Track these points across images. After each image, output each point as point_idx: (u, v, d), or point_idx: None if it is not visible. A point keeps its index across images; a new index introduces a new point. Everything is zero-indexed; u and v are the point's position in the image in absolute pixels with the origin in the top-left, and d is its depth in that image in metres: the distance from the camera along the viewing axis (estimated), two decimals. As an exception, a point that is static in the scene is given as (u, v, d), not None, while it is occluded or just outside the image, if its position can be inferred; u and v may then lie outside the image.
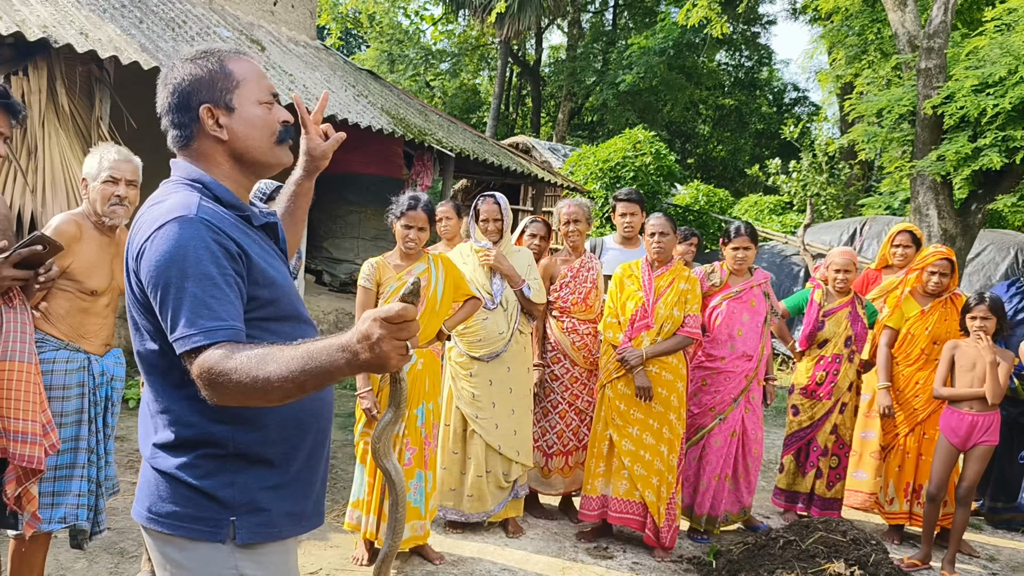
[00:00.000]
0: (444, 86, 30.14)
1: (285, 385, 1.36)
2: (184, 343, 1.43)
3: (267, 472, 1.58)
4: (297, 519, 1.64)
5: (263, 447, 1.57)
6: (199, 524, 1.54)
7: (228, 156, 1.66)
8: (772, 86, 29.29)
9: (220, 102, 1.62)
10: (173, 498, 1.55)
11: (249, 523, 1.55)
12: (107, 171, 2.87)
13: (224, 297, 1.46)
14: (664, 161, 13.79)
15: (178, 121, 1.64)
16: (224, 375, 1.38)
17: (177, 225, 1.48)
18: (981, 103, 6.87)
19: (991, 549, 4.89)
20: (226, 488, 1.54)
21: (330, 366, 1.36)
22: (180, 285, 1.44)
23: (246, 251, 1.55)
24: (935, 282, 4.68)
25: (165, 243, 1.47)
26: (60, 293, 2.83)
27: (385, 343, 1.33)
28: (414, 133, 10.15)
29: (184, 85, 1.62)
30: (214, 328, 1.43)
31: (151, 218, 1.53)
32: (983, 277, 10.17)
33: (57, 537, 3.63)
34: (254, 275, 1.56)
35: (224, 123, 1.63)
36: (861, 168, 17.56)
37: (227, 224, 1.55)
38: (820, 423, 4.86)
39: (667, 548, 4.24)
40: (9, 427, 2.39)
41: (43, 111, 6.25)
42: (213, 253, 1.48)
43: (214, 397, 1.42)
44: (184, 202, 1.52)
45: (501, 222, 4.34)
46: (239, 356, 1.39)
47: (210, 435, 1.54)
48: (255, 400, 1.41)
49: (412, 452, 3.82)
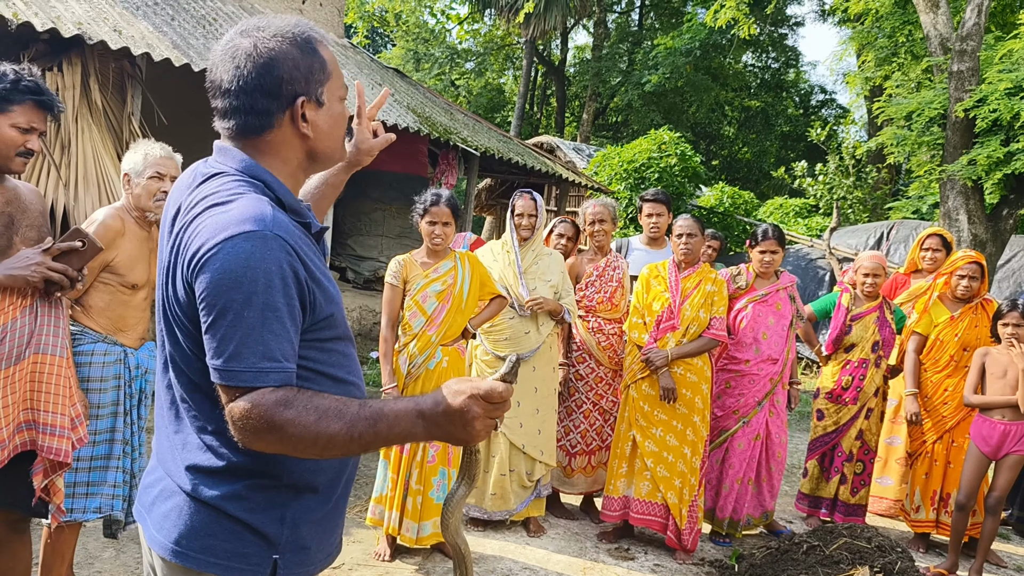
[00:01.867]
0: (469, 85, 30.18)
1: (348, 445, 1.29)
2: (226, 377, 1.28)
3: (312, 501, 1.44)
4: (328, 553, 1.54)
5: (314, 475, 1.43)
6: (237, 561, 1.38)
7: (304, 153, 1.48)
8: (799, 88, 29.02)
9: (312, 95, 1.43)
10: (211, 530, 1.37)
11: (291, 562, 1.42)
12: (153, 167, 2.92)
13: (283, 334, 1.30)
14: (689, 162, 13.72)
15: (257, 107, 1.40)
16: (278, 426, 1.26)
17: (250, 242, 1.27)
18: (1015, 107, 6.78)
19: (1019, 559, 4.82)
20: (276, 524, 1.39)
21: (404, 432, 1.30)
22: (239, 312, 1.26)
23: (313, 271, 1.37)
24: (964, 286, 4.62)
25: (233, 262, 1.27)
26: (101, 287, 2.88)
27: (479, 422, 1.29)
28: (439, 132, 10.19)
29: (278, 68, 1.39)
30: (266, 369, 1.28)
31: (216, 224, 1.30)
32: (1013, 284, 10.01)
33: (86, 527, 3.69)
34: (319, 296, 1.38)
35: (311, 118, 1.43)
36: (889, 172, 17.34)
37: (297, 239, 1.35)
38: (845, 428, 4.82)
39: (688, 551, 4.23)
40: (38, 419, 2.43)
41: (76, 106, 6.35)
42: (284, 280, 1.30)
43: (253, 443, 1.29)
44: (257, 212, 1.31)
45: (535, 218, 4.36)
46: (298, 407, 1.27)
47: (266, 463, 1.37)
48: (302, 453, 1.31)
49: (435, 449, 3.84)
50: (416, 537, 3.80)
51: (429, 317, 3.83)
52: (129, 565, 3.48)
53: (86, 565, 3.42)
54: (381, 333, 3.92)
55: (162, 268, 1.44)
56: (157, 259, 1.53)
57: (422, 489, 3.81)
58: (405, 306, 3.89)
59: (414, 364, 3.82)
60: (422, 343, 3.82)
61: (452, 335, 3.89)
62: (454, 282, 3.86)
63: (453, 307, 3.84)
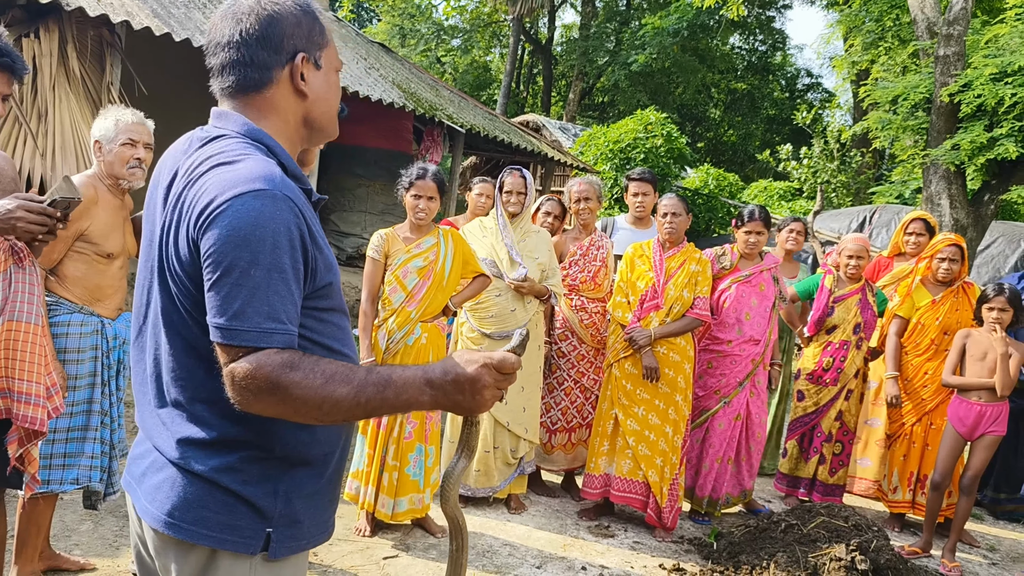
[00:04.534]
0: (455, 62, 29.94)
1: (354, 411, 1.29)
2: (228, 336, 1.25)
3: (305, 475, 1.43)
4: (323, 528, 1.51)
5: (309, 447, 1.42)
6: (230, 534, 1.36)
7: (301, 116, 1.47)
8: (785, 71, 29.03)
9: (312, 55, 1.44)
10: (204, 502, 1.36)
11: (284, 536, 1.41)
12: (125, 133, 2.86)
13: (288, 296, 1.29)
14: (675, 143, 13.71)
15: (257, 60, 1.39)
16: (283, 387, 1.24)
17: (260, 200, 1.26)
18: (999, 92, 6.80)
19: (992, 539, 4.90)
20: (269, 497, 1.38)
21: (411, 399, 1.31)
22: (246, 271, 1.24)
23: (316, 236, 1.37)
24: (945, 269, 4.65)
25: (243, 219, 1.25)
26: (76, 256, 2.83)
27: (489, 391, 1.32)
28: (425, 108, 10.10)
29: (278, 20, 1.40)
30: (271, 330, 1.26)
31: (224, 182, 1.29)
32: (992, 269, 10.11)
33: (63, 499, 3.65)
34: (320, 262, 1.38)
35: (308, 78, 1.44)
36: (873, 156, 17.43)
37: (302, 203, 1.35)
38: (825, 409, 4.86)
39: (668, 528, 4.26)
40: (13, 388, 2.39)
41: (53, 74, 6.22)
42: (291, 242, 1.29)
43: (252, 404, 1.27)
44: (266, 172, 1.30)
45: (524, 195, 4.34)
46: (304, 369, 1.26)
47: (259, 433, 1.36)
48: (305, 417, 1.29)
49: (413, 426, 3.83)
50: (392, 513, 3.80)
51: (409, 293, 3.80)
52: (107, 538, 3.46)
53: (63, 537, 3.39)
54: (361, 307, 3.90)
55: (154, 232, 1.41)
56: (145, 225, 1.47)
57: (398, 465, 3.80)
58: (386, 281, 3.85)
59: (392, 340, 3.79)
60: (401, 319, 3.80)
61: (432, 312, 3.86)
62: (436, 258, 3.83)
63: (434, 284, 3.82)
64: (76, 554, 3.23)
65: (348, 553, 3.63)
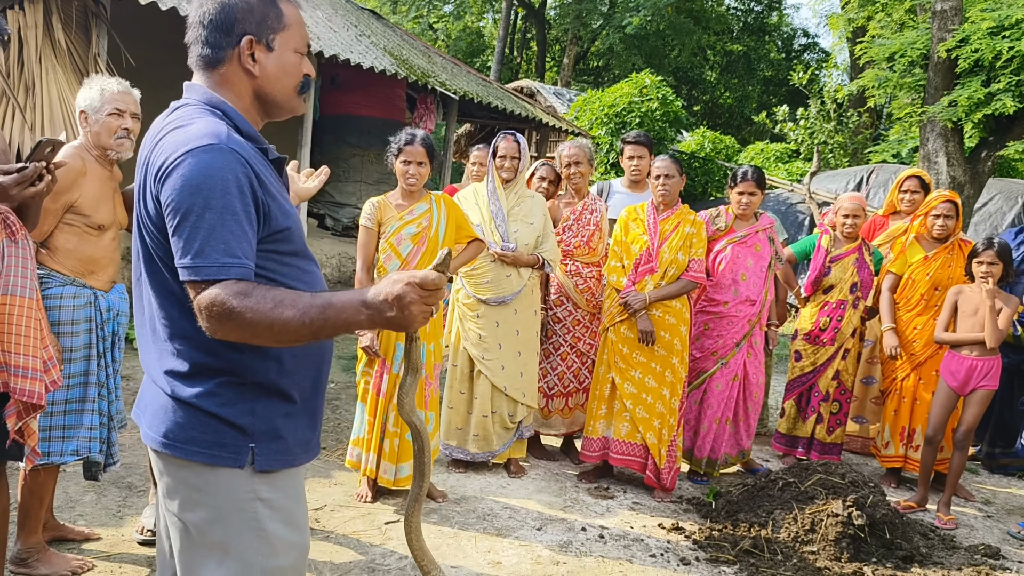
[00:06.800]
0: (448, 29, 29.56)
1: (300, 331, 1.43)
2: (192, 272, 1.44)
3: (281, 402, 1.61)
4: (307, 447, 1.70)
5: (278, 377, 1.59)
6: (219, 450, 1.56)
7: (252, 92, 1.65)
8: (781, 32, 28.73)
9: (263, 38, 1.61)
10: (192, 424, 1.56)
11: (268, 450, 1.59)
12: (111, 103, 2.83)
13: (242, 234, 1.46)
14: (670, 107, 13.58)
15: (212, 40, 1.60)
16: (237, 312, 1.41)
17: (207, 153, 1.46)
18: (996, 46, 6.74)
19: (987, 493, 4.95)
20: (246, 416, 1.56)
21: (351, 319, 1.45)
22: (200, 215, 1.43)
23: (267, 185, 1.55)
24: (940, 226, 4.63)
25: (193, 170, 1.44)
26: (67, 228, 2.81)
27: (415, 306, 1.44)
28: (417, 75, 9.99)
29: (232, 9, 1.59)
30: (228, 264, 1.43)
31: (177, 141, 1.49)
32: (989, 226, 10.10)
33: (66, 471, 3.68)
34: (273, 208, 1.55)
35: (259, 59, 1.62)
36: (870, 116, 17.29)
37: (251, 156, 1.54)
38: (822, 369, 4.87)
39: (667, 489, 4.30)
40: (10, 361, 2.39)
41: (40, 46, 6.14)
42: (239, 186, 1.47)
43: (217, 331, 1.44)
44: (214, 130, 1.50)
45: (518, 160, 4.30)
46: (256, 296, 1.42)
47: (229, 363, 1.55)
48: (262, 339, 1.46)
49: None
50: (394, 479, 3.82)
51: (404, 260, 3.79)
52: (110, 508, 3.49)
53: (67, 509, 3.42)
54: (356, 276, 3.89)
55: (138, 191, 1.59)
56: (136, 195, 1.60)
57: (399, 431, 3.82)
58: (380, 248, 3.84)
59: (388, 307, 3.78)
60: (397, 286, 3.77)
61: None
62: (429, 224, 3.82)
63: (428, 250, 3.81)
64: (80, 524, 3.26)
65: (350, 519, 3.66)
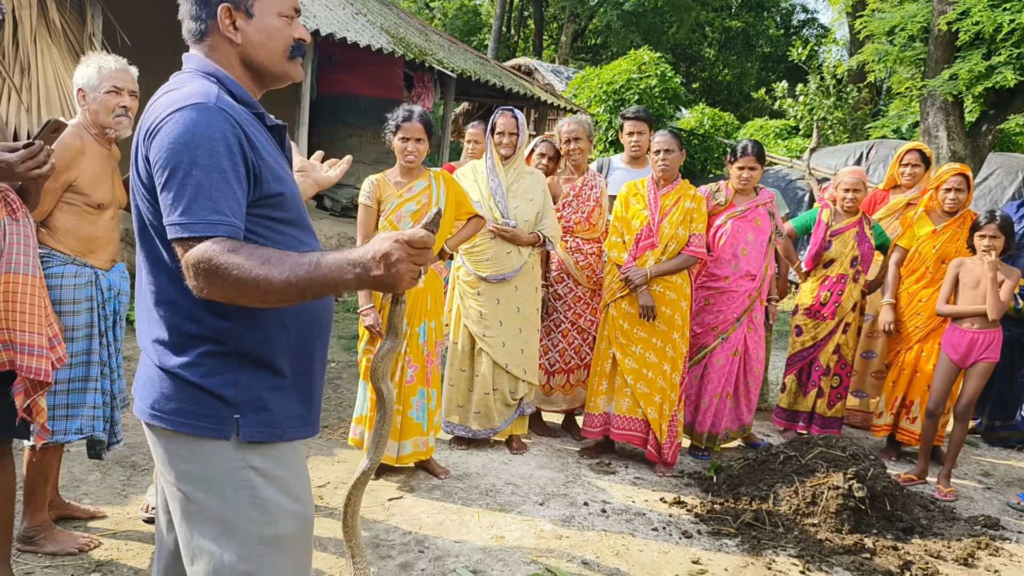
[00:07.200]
0: (444, 7, 29.32)
1: (287, 289, 1.40)
2: (180, 229, 1.42)
3: (267, 374, 1.59)
4: (300, 421, 1.66)
5: (264, 347, 1.57)
6: (203, 421, 1.55)
7: (239, 59, 1.66)
8: (780, 7, 28.47)
9: (241, 5, 1.62)
10: (177, 395, 1.55)
11: (253, 421, 1.57)
12: (109, 81, 2.81)
13: (230, 192, 1.45)
14: (669, 84, 13.52)
15: (195, 13, 1.63)
16: (224, 268, 1.38)
17: (195, 111, 1.46)
18: (997, 18, 6.69)
19: (987, 465, 4.98)
20: (229, 387, 1.55)
21: (338, 278, 1.41)
22: (188, 171, 1.42)
23: (258, 147, 1.54)
24: (952, 199, 4.61)
25: (180, 127, 1.44)
26: (67, 207, 2.80)
27: (403, 264, 1.40)
28: (414, 53, 9.93)
29: None
30: (215, 221, 1.42)
31: (167, 102, 1.50)
32: (990, 201, 10.08)
33: (70, 451, 3.69)
34: (265, 171, 1.54)
35: (240, 26, 1.62)
36: (869, 92, 17.20)
37: (242, 117, 1.54)
38: (823, 343, 4.88)
39: (668, 464, 4.32)
40: (15, 339, 2.39)
41: (34, 27, 6.09)
42: (228, 145, 1.46)
43: (205, 289, 1.42)
44: (203, 90, 1.51)
45: (516, 136, 4.28)
46: (243, 253, 1.40)
47: (213, 331, 1.53)
48: (250, 298, 1.42)
49: (414, 370, 3.85)
50: (396, 456, 3.84)
51: (405, 238, 3.77)
52: (115, 487, 3.50)
53: (72, 488, 3.44)
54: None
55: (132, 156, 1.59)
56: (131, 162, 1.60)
57: (401, 409, 3.83)
58: (379, 227, 3.83)
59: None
60: (398, 264, 3.77)
61: (429, 255, 3.84)
62: (429, 201, 3.80)
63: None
64: (86, 503, 3.28)
65: (353, 496, 3.68)
